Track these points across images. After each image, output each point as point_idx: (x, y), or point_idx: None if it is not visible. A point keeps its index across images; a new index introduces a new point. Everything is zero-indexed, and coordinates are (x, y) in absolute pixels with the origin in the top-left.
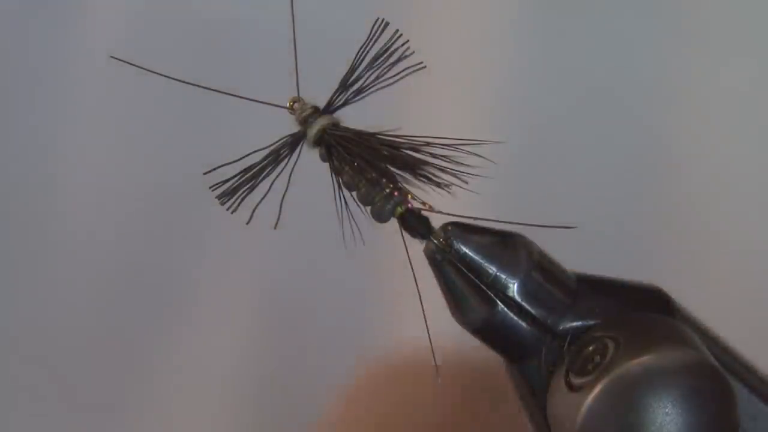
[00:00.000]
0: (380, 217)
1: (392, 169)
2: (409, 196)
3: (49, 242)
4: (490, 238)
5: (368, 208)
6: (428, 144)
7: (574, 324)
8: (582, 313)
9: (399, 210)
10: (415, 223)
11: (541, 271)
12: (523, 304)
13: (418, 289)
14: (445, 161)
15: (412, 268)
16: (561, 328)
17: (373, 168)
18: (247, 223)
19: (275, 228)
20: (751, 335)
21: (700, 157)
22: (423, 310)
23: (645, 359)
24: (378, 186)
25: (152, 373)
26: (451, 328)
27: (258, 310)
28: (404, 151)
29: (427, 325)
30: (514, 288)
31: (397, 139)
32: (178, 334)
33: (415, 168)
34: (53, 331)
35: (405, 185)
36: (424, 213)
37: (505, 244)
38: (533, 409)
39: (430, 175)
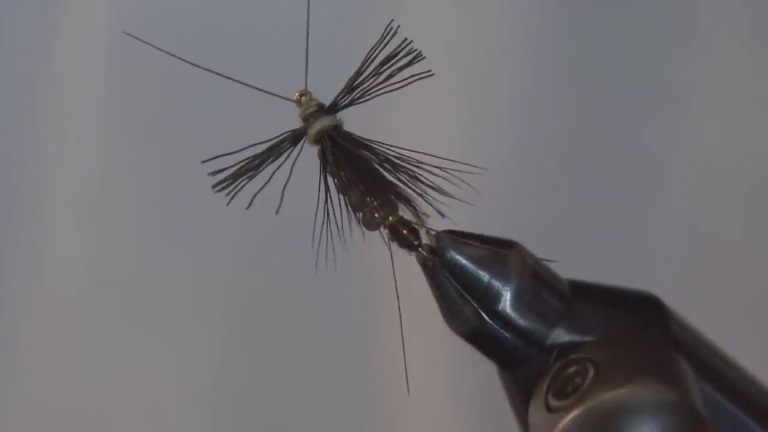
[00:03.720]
0: (369, 225)
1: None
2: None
3: (16, 251)
4: (483, 246)
5: (358, 215)
6: (419, 164)
7: (564, 339)
8: (575, 324)
9: (389, 220)
10: (403, 233)
11: (535, 278)
12: (511, 316)
13: (398, 299)
14: (431, 185)
15: (395, 280)
16: (549, 342)
17: (367, 177)
18: (247, 208)
19: (276, 213)
20: (749, 340)
21: (701, 166)
22: (401, 321)
23: (620, 392)
24: (369, 194)
25: (128, 382)
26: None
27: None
28: (397, 164)
29: (402, 336)
30: (507, 296)
31: (390, 150)
32: (156, 340)
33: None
34: (27, 338)
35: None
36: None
37: (499, 252)
38: (524, 415)
39: (415, 198)
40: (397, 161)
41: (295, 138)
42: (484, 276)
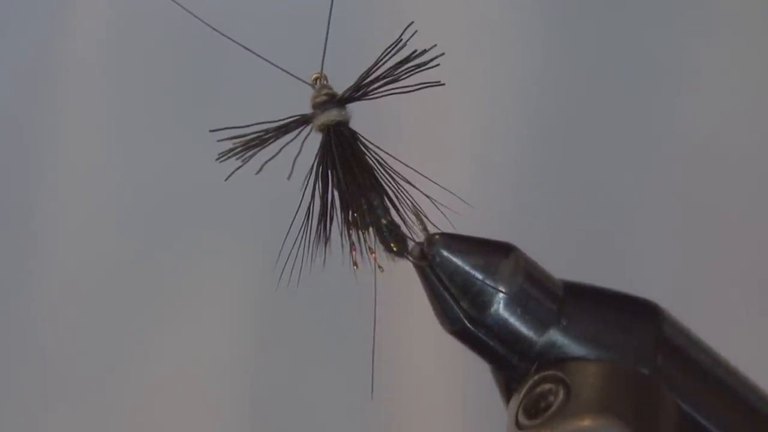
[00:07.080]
0: (357, 225)
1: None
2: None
3: (37, 234)
4: (476, 248)
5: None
6: (409, 183)
7: (552, 348)
8: (567, 328)
9: (379, 224)
10: (391, 239)
11: (529, 279)
12: (498, 323)
13: (375, 305)
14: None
15: (375, 282)
16: (536, 350)
17: (363, 177)
18: (257, 173)
19: (288, 179)
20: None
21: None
22: (374, 326)
23: (581, 425)
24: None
25: (143, 371)
26: None
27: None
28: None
29: (374, 340)
30: (499, 299)
31: (385, 160)
32: (170, 330)
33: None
34: (40, 328)
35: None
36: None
37: (492, 253)
38: None
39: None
40: (391, 174)
41: (302, 123)
42: (476, 279)
